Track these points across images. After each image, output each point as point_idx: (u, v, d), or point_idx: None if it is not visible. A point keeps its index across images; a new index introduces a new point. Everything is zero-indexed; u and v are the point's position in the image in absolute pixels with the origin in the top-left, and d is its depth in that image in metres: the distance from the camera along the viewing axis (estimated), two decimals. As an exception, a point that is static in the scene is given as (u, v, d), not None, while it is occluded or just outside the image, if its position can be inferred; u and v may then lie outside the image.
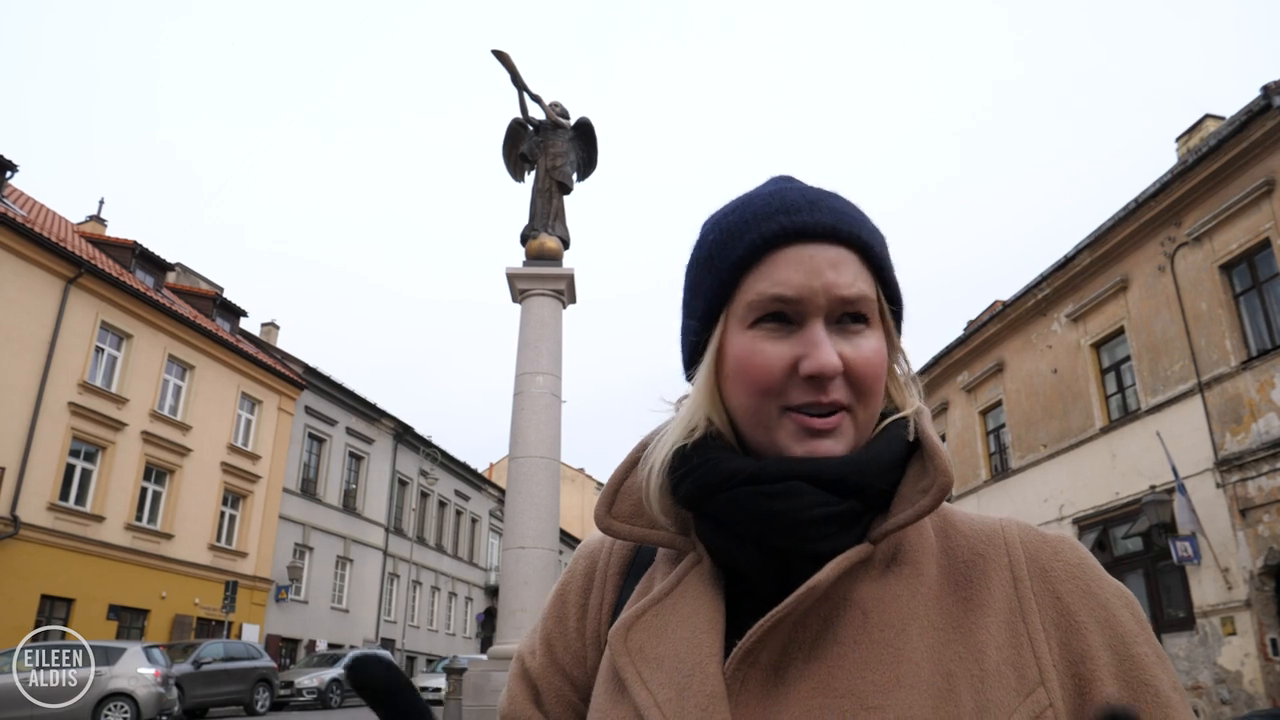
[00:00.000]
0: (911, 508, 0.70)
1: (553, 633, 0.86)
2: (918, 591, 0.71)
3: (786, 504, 0.68)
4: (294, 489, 29.41)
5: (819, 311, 0.71)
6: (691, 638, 0.72)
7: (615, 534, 0.80)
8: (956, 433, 21.52)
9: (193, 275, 30.61)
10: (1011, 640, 0.68)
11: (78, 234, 24.45)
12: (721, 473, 0.72)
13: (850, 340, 0.72)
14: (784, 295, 0.71)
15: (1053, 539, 0.74)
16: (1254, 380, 12.94)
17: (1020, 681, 0.65)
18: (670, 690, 0.69)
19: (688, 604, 0.75)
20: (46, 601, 19.70)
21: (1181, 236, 14.32)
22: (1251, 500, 12.77)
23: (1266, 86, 12.23)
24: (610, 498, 0.81)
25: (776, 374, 0.71)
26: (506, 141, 11.21)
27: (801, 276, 0.71)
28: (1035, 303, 17.99)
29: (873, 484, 0.71)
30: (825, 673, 0.67)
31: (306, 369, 30.80)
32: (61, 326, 20.38)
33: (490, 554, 45.91)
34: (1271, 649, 12.36)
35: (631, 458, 0.83)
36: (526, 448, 9.46)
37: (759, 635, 0.68)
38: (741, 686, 0.68)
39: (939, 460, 0.71)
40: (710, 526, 0.74)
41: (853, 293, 0.71)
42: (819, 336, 0.70)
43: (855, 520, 0.71)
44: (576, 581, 0.87)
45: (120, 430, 22.02)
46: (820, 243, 0.72)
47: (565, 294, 10.32)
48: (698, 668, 0.69)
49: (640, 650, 0.73)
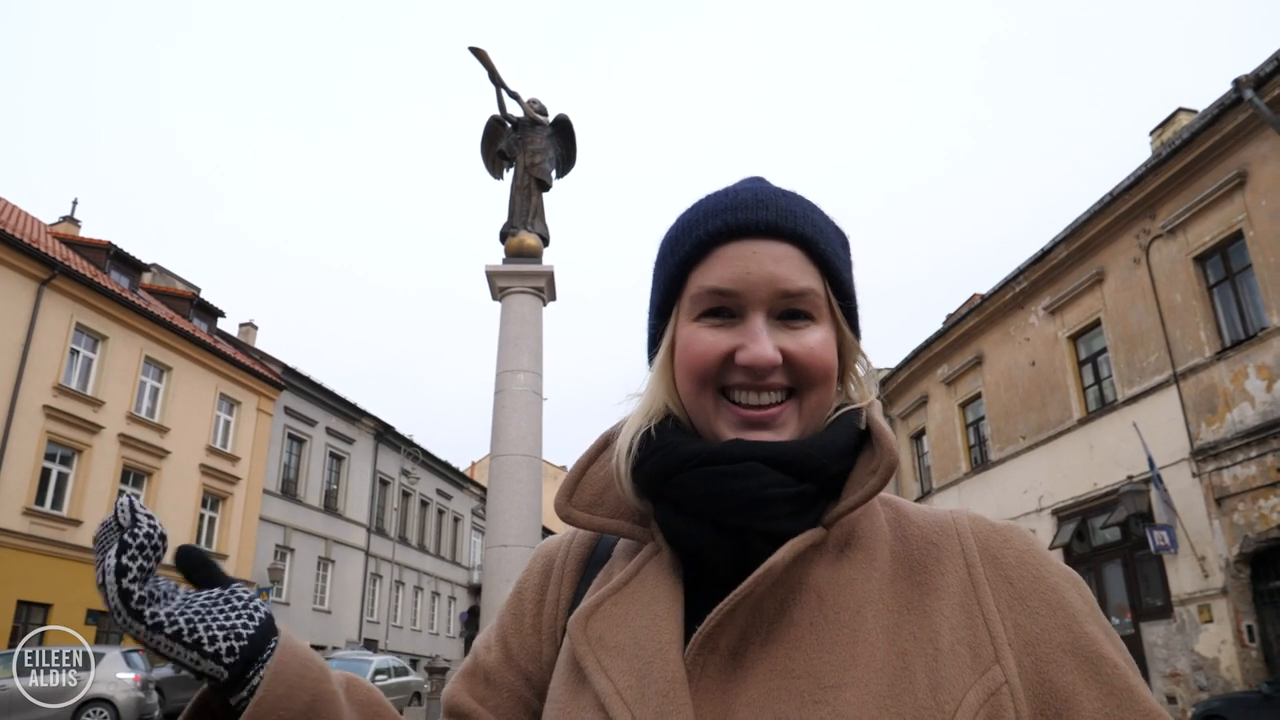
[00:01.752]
0: (861, 489, 0.73)
1: (508, 628, 0.86)
2: (871, 575, 0.72)
3: (744, 483, 0.70)
4: (274, 490, 29.20)
5: (760, 305, 0.74)
6: (651, 625, 0.73)
7: (574, 522, 0.82)
8: (936, 425, 21.66)
9: (169, 276, 30.31)
10: (966, 621, 0.69)
11: (51, 235, 24.11)
12: (682, 455, 0.74)
13: (793, 334, 0.75)
14: (722, 288, 0.74)
15: (1001, 527, 0.76)
16: (1228, 370, 13.11)
17: (975, 660, 0.67)
18: (631, 677, 0.70)
19: (647, 592, 0.76)
20: (23, 607, 19.48)
21: (1156, 229, 14.48)
22: (1227, 489, 12.94)
23: (1238, 80, 12.37)
24: (571, 487, 0.83)
25: (712, 361, 0.74)
26: (485, 139, 11.15)
27: (740, 270, 0.74)
28: (1013, 296, 18.14)
29: (827, 467, 0.73)
30: (783, 655, 0.68)
31: (285, 369, 30.58)
32: (35, 329, 20.11)
33: (473, 553, 45.80)
34: (1248, 635, 12.54)
35: (595, 447, 0.84)
36: (508, 446, 9.43)
37: (718, 619, 0.69)
38: (701, 672, 0.69)
39: (885, 441, 0.73)
40: (670, 510, 0.75)
41: (795, 287, 0.74)
42: (756, 328, 0.73)
43: (811, 503, 0.73)
44: (533, 579, 0.89)
45: (96, 433, 21.78)
46: (762, 239, 0.75)
47: (545, 291, 10.29)
48: (658, 654, 0.70)
49: (600, 639, 0.74)
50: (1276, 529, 12.12)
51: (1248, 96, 12.26)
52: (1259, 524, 12.38)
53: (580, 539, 0.89)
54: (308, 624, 30.01)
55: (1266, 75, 12.06)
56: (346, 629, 32.27)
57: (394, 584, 36.78)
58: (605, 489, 0.82)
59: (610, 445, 0.83)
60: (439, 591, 41.86)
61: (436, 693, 10.08)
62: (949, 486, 20.79)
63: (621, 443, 0.79)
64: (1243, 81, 12.30)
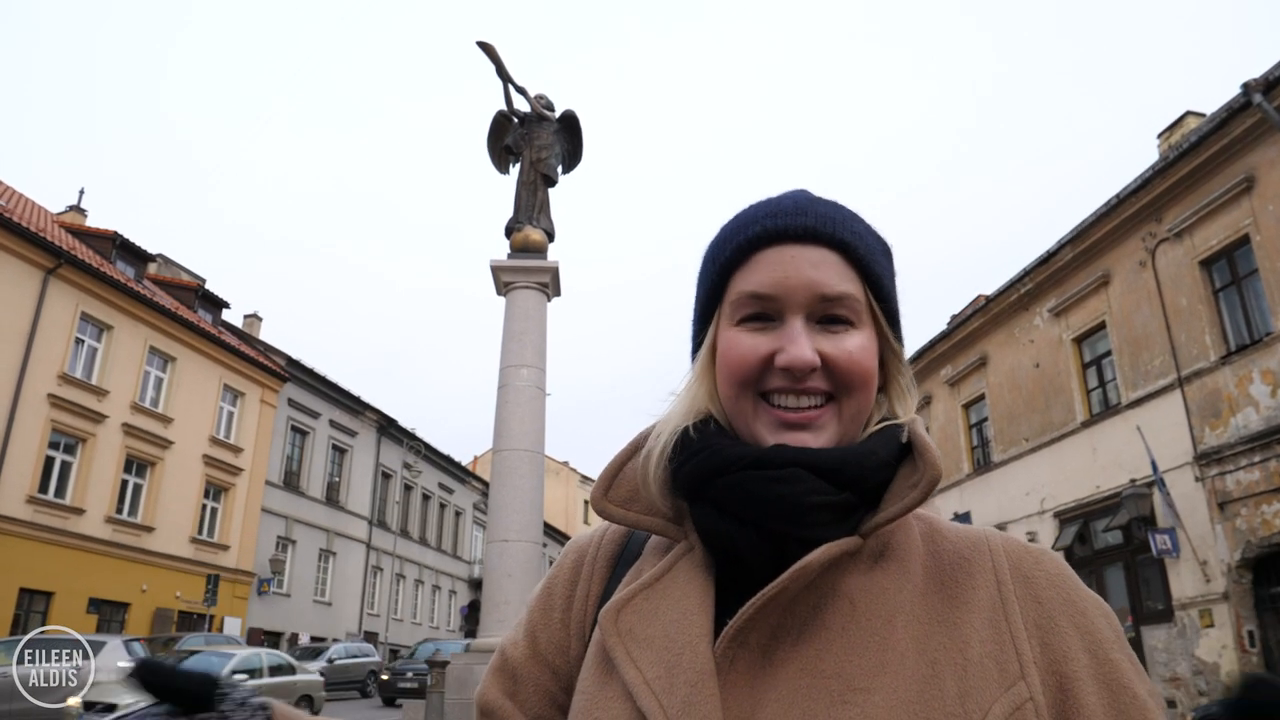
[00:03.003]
0: (900, 502, 0.73)
1: (537, 624, 0.87)
2: (903, 586, 0.73)
3: (788, 488, 0.71)
4: (276, 482, 29.27)
5: (798, 309, 0.75)
6: (682, 619, 0.74)
7: (609, 517, 0.83)
8: (939, 426, 21.64)
9: (174, 266, 30.36)
10: (994, 636, 0.69)
11: (57, 224, 24.19)
12: (725, 457, 0.74)
13: (832, 338, 0.75)
14: (761, 292, 0.76)
15: (1035, 550, 0.77)
16: (1232, 375, 13.08)
17: (1002, 674, 0.67)
18: (659, 669, 0.71)
19: (678, 587, 0.77)
20: (25, 595, 19.54)
21: (1162, 232, 14.44)
22: (1229, 494, 12.91)
23: (1247, 84, 12.33)
24: (608, 481, 0.83)
25: (752, 364, 0.75)
26: (491, 133, 11.15)
27: (779, 275, 0.75)
28: (1018, 297, 18.10)
29: (868, 477, 0.73)
30: (813, 655, 0.69)
31: (289, 361, 30.63)
32: (41, 318, 20.17)
33: (474, 547, 45.87)
34: (1249, 641, 12.52)
35: (634, 443, 0.85)
36: (510, 440, 9.44)
37: (750, 614, 0.70)
38: (730, 666, 0.70)
39: (929, 455, 0.74)
40: (709, 511, 0.76)
41: (834, 291, 0.75)
42: (795, 331, 0.74)
43: (849, 512, 0.73)
44: (564, 574, 0.89)
45: (100, 422, 21.84)
46: (801, 244, 0.76)
47: (550, 287, 10.29)
48: (688, 647, 0.71)
49: (630, 631, 0.75)
50: (1279, 534, 12.10)
51: (1256, 101, 12.22)
52: (1261, 529, 12.36)
53: (612, 535, 0.90)
54: (308, 616, 30.10)
55: (1275, 79, 12.02)
56: (347, 621, 32.35)
57: (395, 577, 36.86)
58: (640, 486, 0.82)
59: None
60: (439, 585, 41.94)
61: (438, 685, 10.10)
62: (951, 488, 20.76)
63: (654, 442, 0.81)
64: (1251, 85, 12.26)
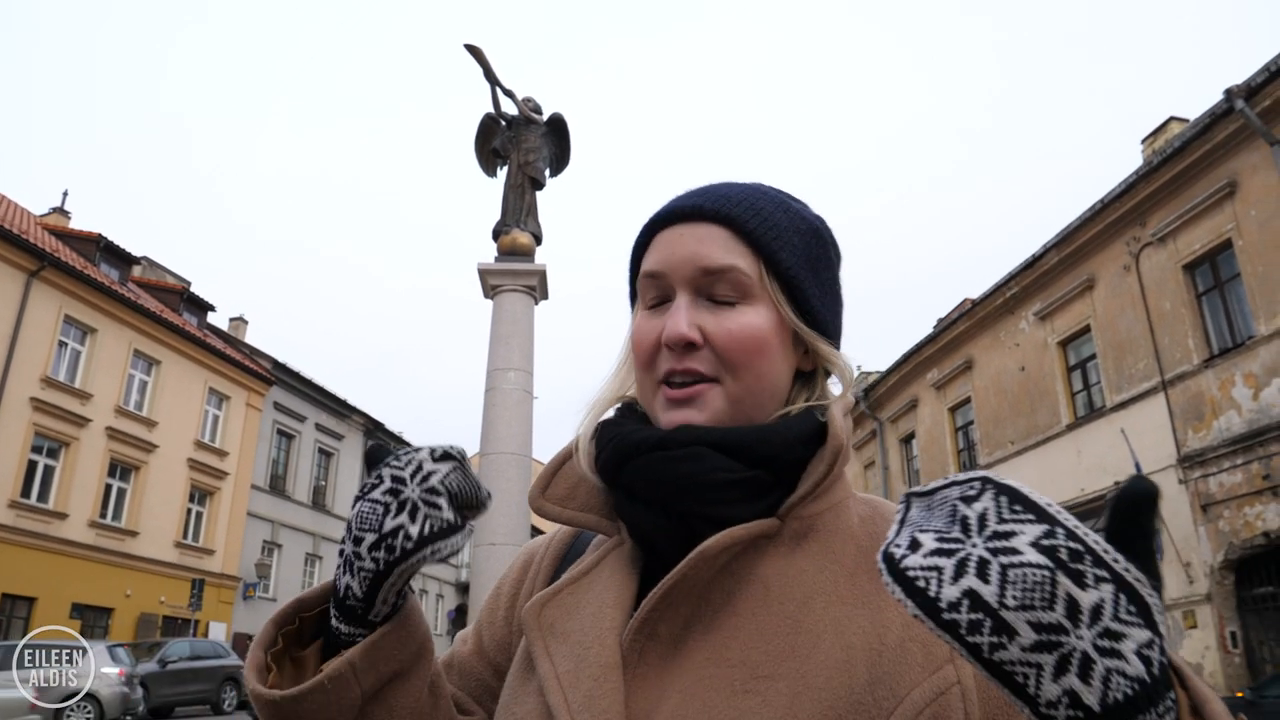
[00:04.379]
0: (811, 478, 0.73)
1: (484, 622, 0.89)
2: (825, 567, 0.71)
3: (690, 466, 0.70)
4: (262, 486, 29.09)
5: (683, 284, 0.75)
6: (598, 612, 0.74)
7: (546, 514, 0.82)
8: (925, 429, 21.73)
9: (160, 269, 30.16)
10: None
11: (40, 226, 23.96)
12: (633, 440, 0.74)
13: (716, 314, 0.74)
14: (652, 270, 0.77)
15: None
16: (1215, 378, 13.18)
17: (927, 658, 0.65)
18: (570, 662, 0.71)
19: (601, 581, 0.77)
20: (7, 600, 19.36)
21: (1146, 237, 14.55)
22: (1213, 496, 13.01)
23: (1229, 90, 12.43)
24: (546, 480, 0.83)
25: (648, 345, 0.76)
26: (479, 136, 11.14)
27: (666, 252, 0.76)
28: (1004, 301, 18.20)
29: (779, 455, 0.72)
30: (720, 643, 0.68)
31: (275, 364, 30.46)
32: (23, 320, 19.97)
33: (461, 551, 45.72)
34: (1231, 641, 12.62)
35: (572, 444, 0.84)
36: (498, 444, 9.42)
37: (653, 604, 0.69)
38: (640, 659, 0.70)
39: (832, 428, 0.74)
40: (624, 498, 0.75)
41: (715, 263, 0.74)
42: (676, 306, 0.75)
43: (764, 491, 0.72)
44: (513, 574, 0.90)
45: (84, 426, 21.65)
46: (688, 222, 0.77)
47: (537, 290, 10.28)
48: (597, 640, 0.71)
49: (551, 626, 0.75)
50: (1261, 536, 12.20)
51: (1239, 106, 12.32)
52: (1244, 531, 12.46)
53: (562, 535, 0.89)
54: (294, 620, 29.90)
55: (1258, 86, 12.13)
56: (333, 626, 32.16)
57: (381, 581, 36.68)
58: (579, 483, 0.82)
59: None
60: (426, 589, 41.76)
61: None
62: (937, 490, 20.87)
63: (582, 431, 0.81)
64: (1234, 92, 12.37)
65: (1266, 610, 12.54)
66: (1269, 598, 12.48)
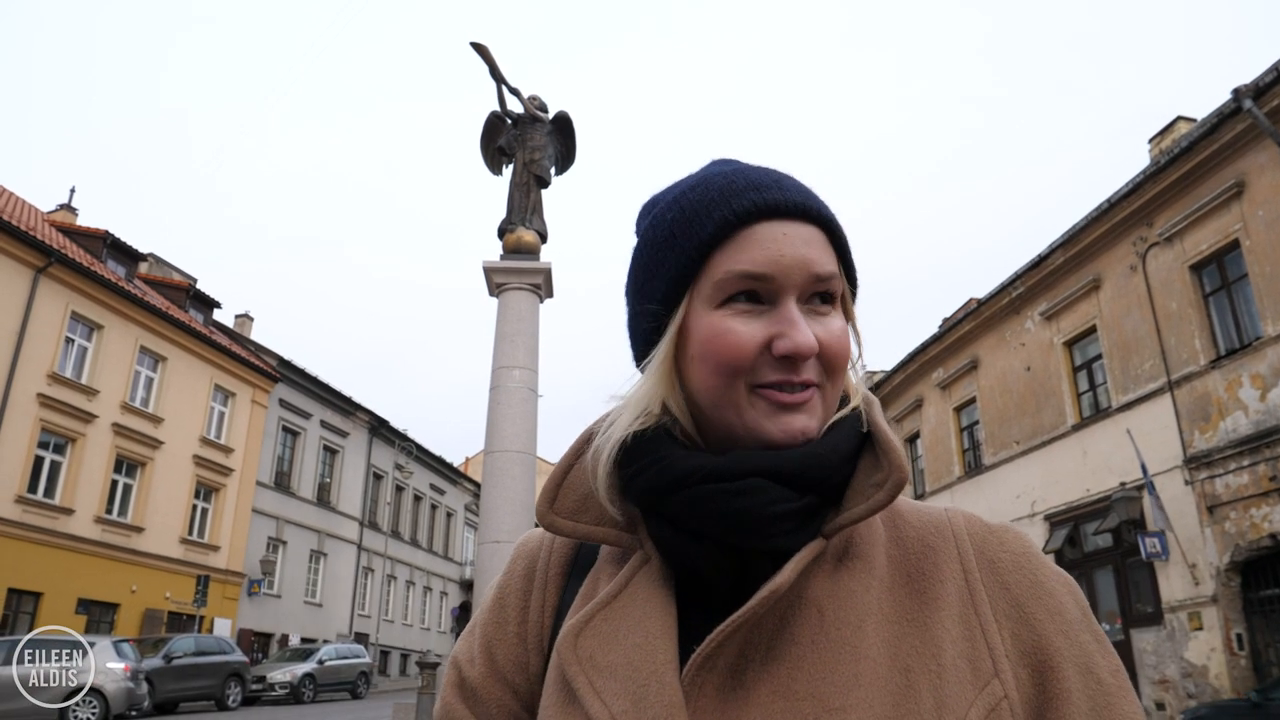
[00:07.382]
0: (866, 503, 0.69)
1: (493, 638, 0.82)
2: (870, 586, 0.70)
3: (749, 501, 0.67)
4: (267, 482, 29.17)
5: (793, 290, 0.70)
6: (645, 644, 0.69)
7: (558, 531, 0.78)
8: (930, 429, 21.70)
9: (166, 266, 30.24)
10: (965, 634, 0.67)
11: (48, 223, 24.07)
12: (677, 471, 0.70)
13: (820, 320, 0.71)
14: (758, 273, 0.69)
15: (997, 529, 0.74)
16: (1222, 379, 13.14)
17: (975, 674, 0.65)
18: (626, 701, 0.67)
19: (638, 607, 0.72)
20: (14, 595, 19.44)
21: (1153, 237, 14.50)
22: (1219, 497, 12.97)
23: (1237, 89, 12.38)
24: (553, 492, 0.78)
25: (749, 353, 0.69)
26: (484, 134, 11.14)
27: (774, 253, 0.69)
28: (1009, 301, 18.15)
29: (830, 478, 0.70)
30: (785, 675, 0.66)
31: (281, 361, 30.55)
32: (30, 317, 20.07)
33: (465, 548, 45.81)
34: (1237, 644, 12.57)
35: (575, 449, 0.80)
36: (502, 442, 9.43)
37: (719, 641, 0.66)
38: (699, 692, 0.66)
39: (893, 455, 0.70)
40: (664, 525, 0.72)
41: (825, 270, 0.71)
42: (795, 315, 0.69)
43: (812, 515, 0.69)
44: (515, 583, 0.84)
45: (90, 422, 21.74)
46: (792, 220, 0.71)
47: (542, 288, 10.29)
48: (654, 676, 0.67)
49: (591, 658, 0.70)
50: (1268, 538, 12.16)
51: (1247, 106, 12.27)
52: (1250, 533, 12.42)
53: (562, 540, 0.85)
54: (298, 617, 30.00)
55: (1266, 85, 12.08)
56: (337, 622, 32.25)
57: (386, 578, 36.77)
58: (589, 493, 0.77)
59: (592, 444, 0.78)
60: (430, 586, 41.85)
61: (428, 688, 10.08)
62: (942, 490, 20.82)
63: (603, 450, 0.75)
64: (1242, 91, 12.32)
65: (1273, 612, 12.49)
66: (1276, 599, 12.43)
